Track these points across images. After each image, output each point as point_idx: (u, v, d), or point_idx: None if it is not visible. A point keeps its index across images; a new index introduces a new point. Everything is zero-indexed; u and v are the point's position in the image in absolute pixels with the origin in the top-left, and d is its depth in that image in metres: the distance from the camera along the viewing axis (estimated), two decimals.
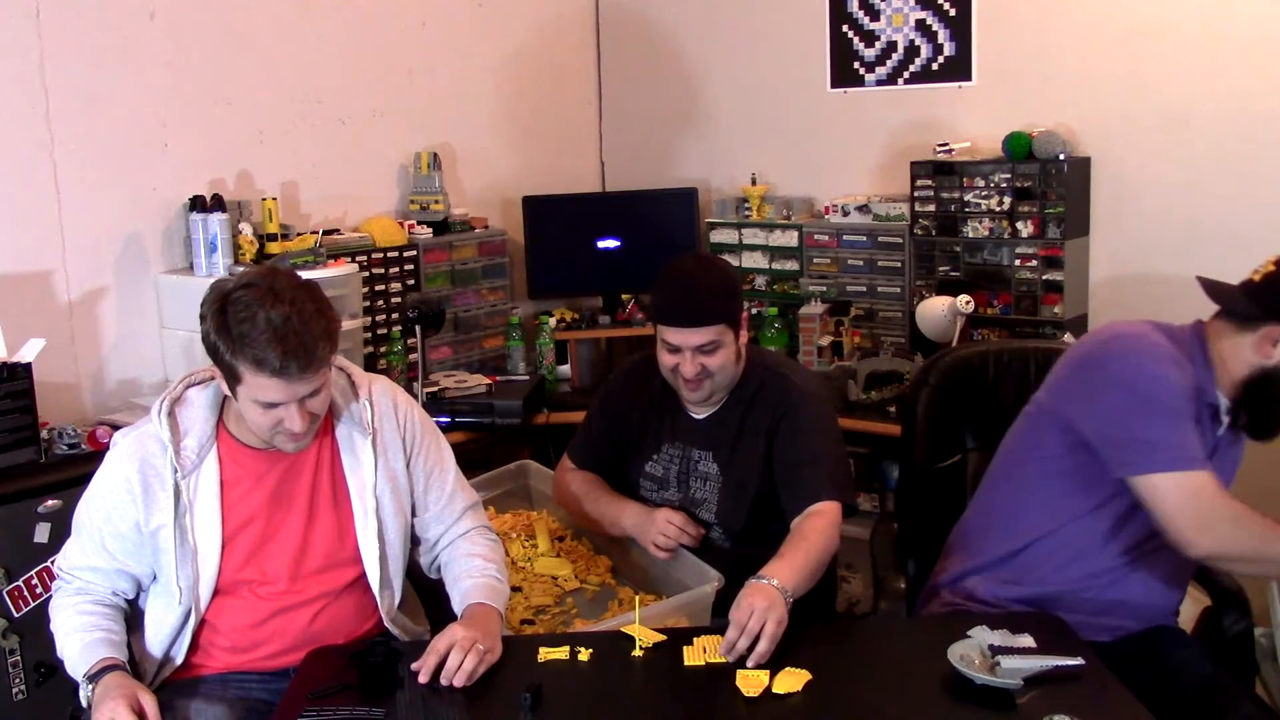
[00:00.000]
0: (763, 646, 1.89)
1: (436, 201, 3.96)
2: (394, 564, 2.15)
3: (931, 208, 3.66)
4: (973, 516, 2.35)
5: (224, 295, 1.91)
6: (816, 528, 2.26)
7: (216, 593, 2.05)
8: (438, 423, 3.41)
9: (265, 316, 1.86)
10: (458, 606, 2.10)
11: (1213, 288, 2.16)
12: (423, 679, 1.86)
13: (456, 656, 1.87)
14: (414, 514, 2.22)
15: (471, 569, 2.15)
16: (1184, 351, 2.09)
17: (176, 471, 2.01)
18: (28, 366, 2.82)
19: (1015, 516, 2.22)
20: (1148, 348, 2.07)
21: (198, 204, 3.34)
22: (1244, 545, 1.99)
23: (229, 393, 1.98)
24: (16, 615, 2.68)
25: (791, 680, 1.80)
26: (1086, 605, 2.13)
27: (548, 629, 2.32)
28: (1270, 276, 2.07)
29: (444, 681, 1.85)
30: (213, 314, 1.91)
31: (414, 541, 2.25)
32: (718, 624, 2.20)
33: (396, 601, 2.17)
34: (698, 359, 2.37)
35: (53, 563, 2.68)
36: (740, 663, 1.87)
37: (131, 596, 2.10)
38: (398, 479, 2.16)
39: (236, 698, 2.03)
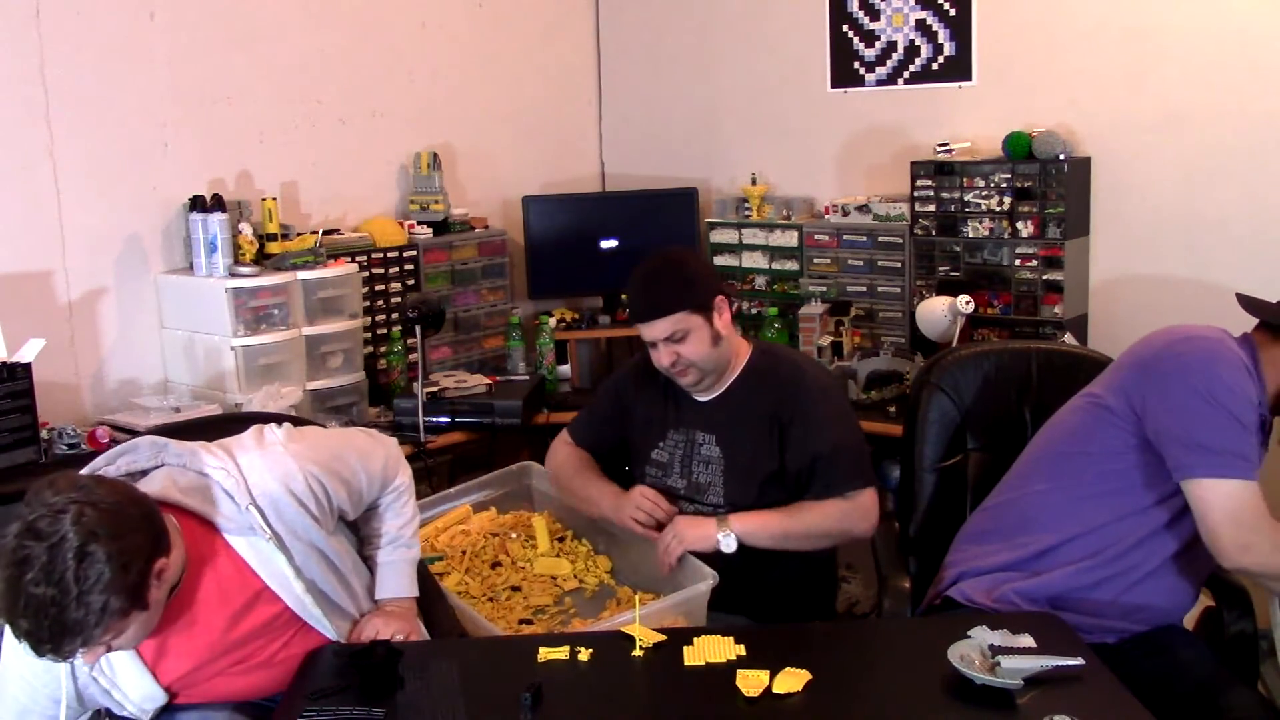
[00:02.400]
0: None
1: (436, 201, 3.96)
2: (342, 599, 2.06)
3: (931, 208, 3.66)
4: (1004, 509, 2.32)
5: (22, 527, 1.65)
6: (823, 505, 2.42)
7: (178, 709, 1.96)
8: (437, 423, 3.46)
9: (28, 593, 1.62)
10: (375, 586, 2.16)
11: (1250, 302, 2.18)
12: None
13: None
14: (363, 518, 2.19)
15: (385, 541, 2.17)
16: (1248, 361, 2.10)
17: (84, 670, 1.85)
18: (28, 366, 2.82)
19: (1057, 510, 2.20)
20: (1224, 354, 2.07)
21: (198, 204, 3.33)
22: (1274, 567, 2.02)
23: None
24: None
25: (791, 680, 1.80)
26: (1108, 608, 2.12)
27: (547, 629, 2.33)
28: None
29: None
30: (13, 531, 1.66)
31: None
32: (717, 623, 2.22)
33: (360, 609, 2.11)
34: (670, 348, 2.45)
35: None
36: (740, 663, 1.87)
37: None
38: (322, 546, 2.01)
39: (238, 703, 2.02)
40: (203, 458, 1.93)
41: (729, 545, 2.36)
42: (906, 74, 3.92)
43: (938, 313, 3.52)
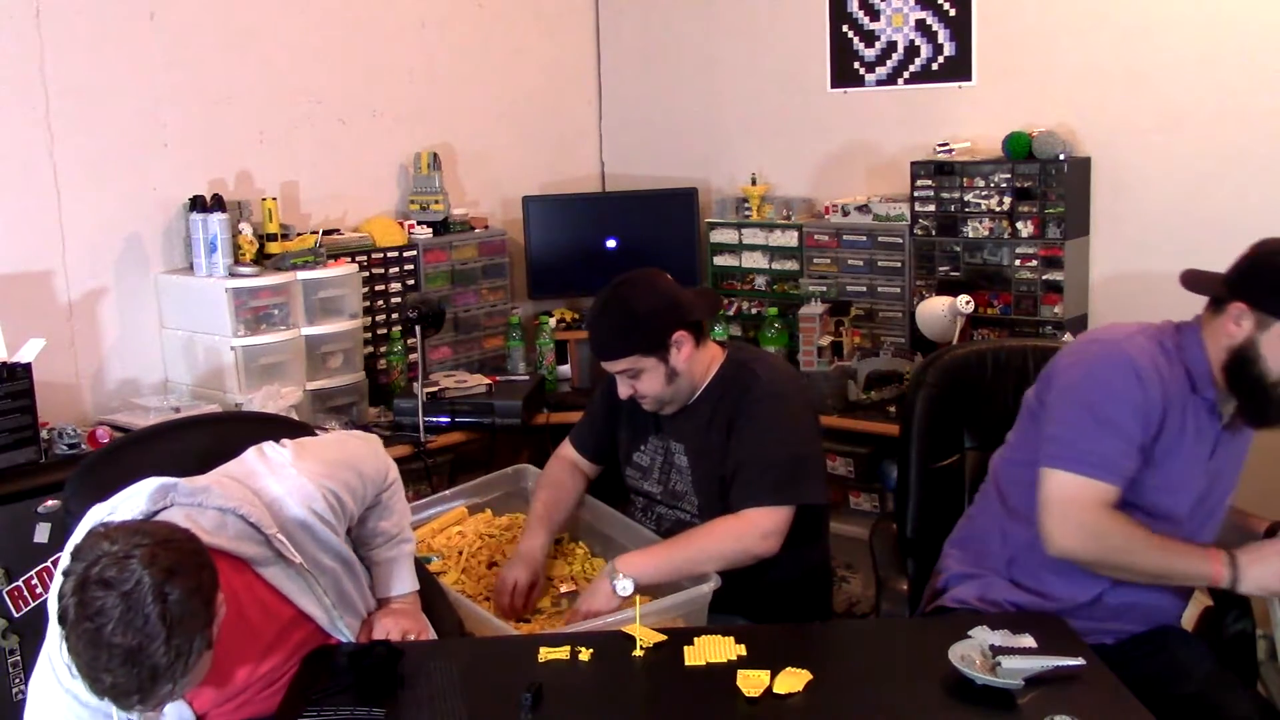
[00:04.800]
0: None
1: (436, 201, 3.96)
2: (359, 604, 2.07)
3: (931, 208, 3.66)
4: (977, 517, 2.34)
5: (83, 580, 1.56)
6: (712, 528, 2.38)
7: None
8: (437, 423, 3.45)
9: (110, 644, 1.55)
10: (375, 584, 2.13)
11: (1193, 279, 2.19)
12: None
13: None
14: (358, 519, 2.16)
15: (380, 542, 2.15)
16: (1176, 353, 2.10)
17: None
18: (28, 366, 2.82)
19: (1020, 519, 2.21)
20: (1112, 357, 2.09)
21: (198, 204, 3.34)
22: (1096, 556, 2.06)
23: None
24: (16, 615, 2.68)
25: (792, 680, 1.80)
26: (1097, 612, 2.12)
27: (543, 628, 2.33)
28: (1242, 255, 2.10)
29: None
30: (71, 588, 1.57)
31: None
32: (716, 624, 2.21)
33: (369, 607, 2.11)
34: (627, 383, 2.47)
35: (53, 563, 2.70)
36: (740, 663, 1.88)
37: None
38: (347, 557, 2.03)
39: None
40: (217, 493, 1.86)
41: (626, 589, 2.29)
42: (906, 74, 3.92)
43: (938, 313, 3.52)
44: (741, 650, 1.90)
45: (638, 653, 1.92)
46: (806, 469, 2.43)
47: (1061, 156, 3.45)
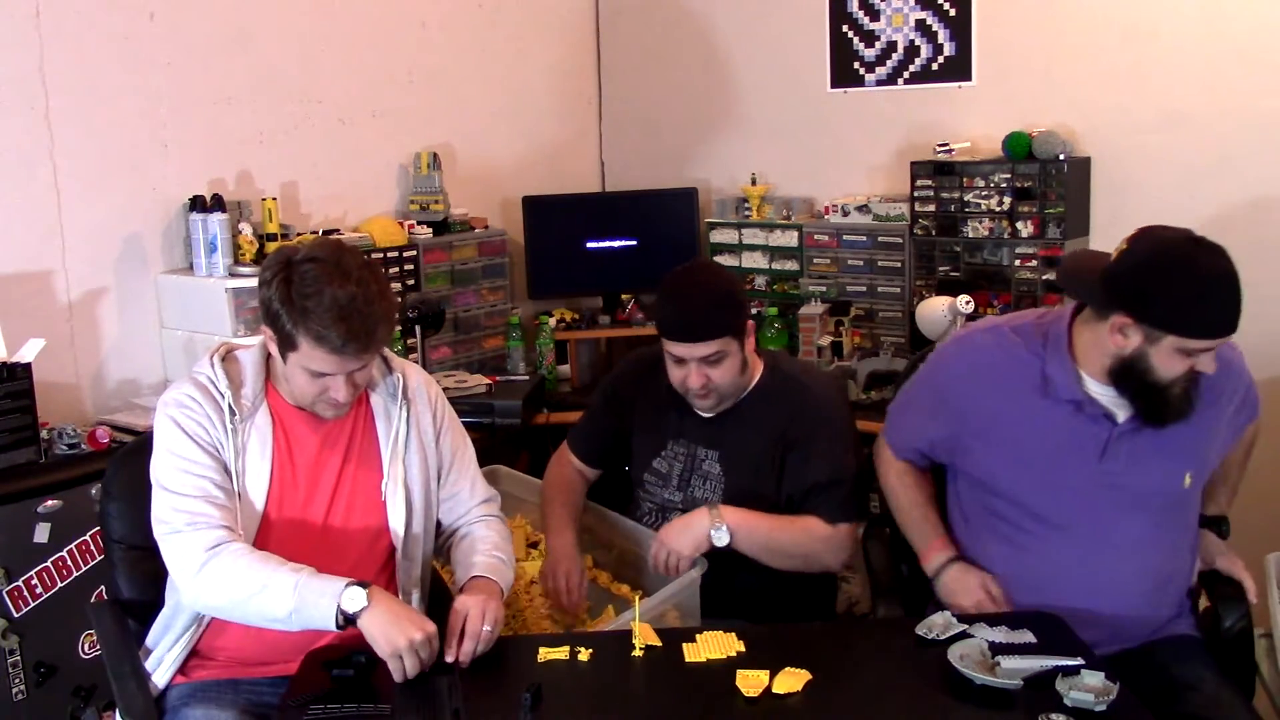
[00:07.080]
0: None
1: (436, 201, 3.96)
2: (416, 528, 2.12)
3: (931, 208, 3.66)
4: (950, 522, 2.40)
5: (289, 264, 1.90)
6: (810, 526, 2.40)
7: None
8: None
9: (332, 294, 1.87)
10: (461, 579, 2.10)
11: (1069, 279, 2.20)
12: (449, 658, 1.88)
13: (470, 643, 1.91)
14: (462, 539, 2.20)
15: (485, 548, 2.15)
16: (1039, 356, 2.12)
17: (234, 415, 1.99)
18: (28, 366, 2.82)
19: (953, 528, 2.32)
20: (961, 340, 2.28)
21: (198, 204, 3.34)
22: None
23: (278, 356, 1.98)
24: (16, 615, 2.68)
25: (791, 680, 1.80)
26: (1081, 620, 2.11)
27: (524, 627, 2.33)
28: (1119, 258, 2.02)
29: (449, 659, 1.89)
30: (277, 281, 1.90)
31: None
32: (716, 626, 2.21)
33: (415, 575, 2.14)
34: (703, 370, 2.39)
35: (54, 563, 2.71)
36: (740, 662, 1.87)
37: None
38: (427, 450, 2.15)
39: (247, 704, 2.01)
40: None
41: (722, 539, 2.33)
42: (906, 74, 3.92)
43: (938, 313, 3.52)
44: (741, 646, 1.91)
45: (637, 652, 1.92)
46: (858, 484, 2.48)
47: (1061, 156, 3.46)
